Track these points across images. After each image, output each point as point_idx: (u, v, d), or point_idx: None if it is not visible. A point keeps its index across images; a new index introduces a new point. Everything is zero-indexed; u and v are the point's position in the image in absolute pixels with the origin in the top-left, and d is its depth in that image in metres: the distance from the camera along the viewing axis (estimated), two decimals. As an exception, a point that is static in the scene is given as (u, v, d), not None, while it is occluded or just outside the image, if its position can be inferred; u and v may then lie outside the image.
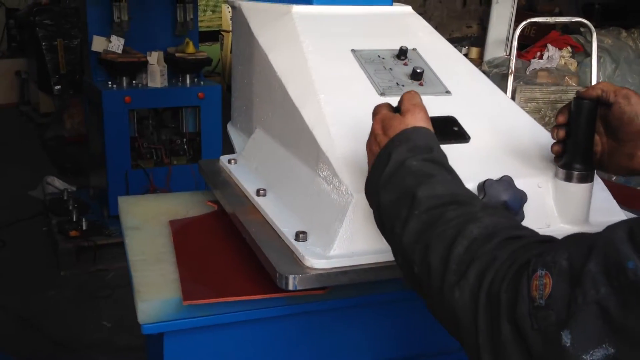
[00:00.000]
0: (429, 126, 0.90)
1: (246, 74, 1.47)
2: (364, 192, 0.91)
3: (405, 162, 0.84)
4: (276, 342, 1.05)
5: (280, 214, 1.10)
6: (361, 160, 0.99)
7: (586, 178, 1.03)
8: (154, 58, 3.59)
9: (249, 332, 1.03)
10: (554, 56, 2.76)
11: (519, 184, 1.02)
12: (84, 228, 3.54)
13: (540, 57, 2.87)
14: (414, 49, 1.32)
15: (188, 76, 3.78)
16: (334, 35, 1.34)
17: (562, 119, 1.02)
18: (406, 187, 0.81)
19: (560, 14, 3.38)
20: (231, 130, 1.61)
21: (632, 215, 1.13)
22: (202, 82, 3.85)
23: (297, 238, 1.00)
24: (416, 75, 1.23)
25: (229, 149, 2.28)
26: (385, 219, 0.83)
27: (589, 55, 2.65)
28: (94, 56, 3.67)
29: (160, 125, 3.90)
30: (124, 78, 3.61)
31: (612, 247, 0.56)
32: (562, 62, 2.86)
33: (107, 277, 3.36)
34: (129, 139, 3.63)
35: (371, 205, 0.89)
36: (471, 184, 0.97)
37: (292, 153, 1.20)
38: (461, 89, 1.26)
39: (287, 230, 1.04)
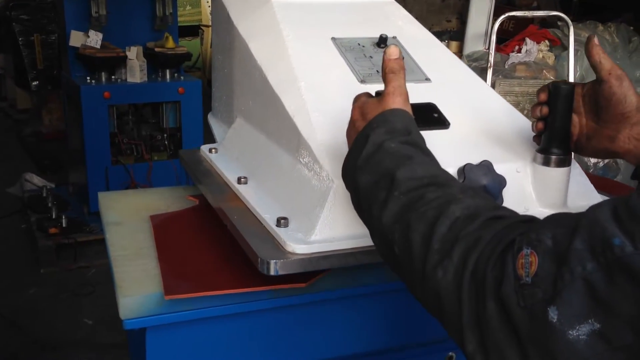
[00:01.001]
0: (408, 108, 0.90)
1: (226, 63, 1.46)
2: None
3: (384, 144, 0.83)
4: (259, 335, 1.05)
5: (262, 201, 1.10)
6: (341, 146, 0.99)
7: (564, 162, 1.04)
8: (133, 53, 3.56)
9: (231, 326, 1.03)
10: (532, 50, 2.79)
11: (498, 168, 1.03)
12: (64, 225, 3.50)
13: (519, 51, 2.91)
14: (394, 37, 1.33)
15: (168, 71, 3.76)
16: (314, 23, 1.34)
17: (543, 96, 1.03)
18: (385, 168, 0.81)
19: (539, 8, 3.41)
20: (212, 121, 1.60)
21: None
22: (182, 77, 3.82)
23: (278, 224, 1.01)
24: None
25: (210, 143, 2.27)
26: (363, 200, 0.83)
27: (567, 48, 2.68)
28: (71, 51, 3.63)
29: (141, 120, 3.87)
30: (103, 73, 3.58)
31: (598, 225, 0.57)
32: (540, 55, 2.89)
33: (88, 274, 3.34)
34: (109, 134, 3.60)
35: (348, 188, 0.89)
36: (451, 169, 0.98)
37: (273, 141, 1.20)
38: (441, 76, 1.27)
39: (268, 217, 1.04)
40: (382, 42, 1.29)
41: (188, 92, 3.71)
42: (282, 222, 1.01)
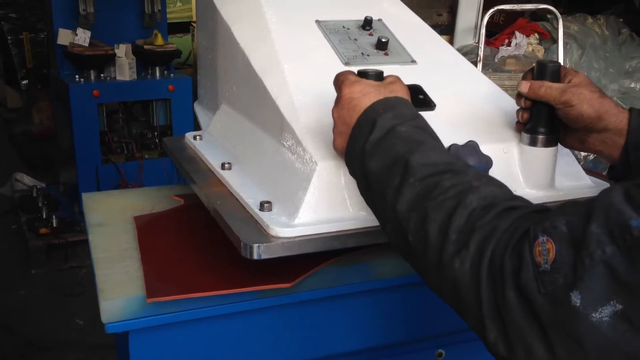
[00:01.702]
0: (409, 98, 0.90)
1: (210, 49, 1.44)
2: (327, 160, 0.91)
3: (395, 128, 0.82)
4: (243, 337, 1.04)
5: (245, 186, 1.08)
6: (325, 128, 0.97)
7: (551, 142, 1.04)
8: (122, 51, 3.54)
9: (215, 328, 1.02)
10: (522, 43, 2.78)
11: (485, 149, 1.02)
12: (55, 225, 3.48)
13: (509, 45, 2.90)
14: (379, 20, 1.33)
15: (158, 69, 3.73)
16: (298, 6, 1.33)
17: (529, 78, 1.03)
18: (397, 153, 0.80)
19: (528, 1, 3.40)
20: (198, 109, 1.58)
21: (599, 181, 1.14)
22: (172, 75, 3.80)
23: (261, 208, 0.99)
24: (381, 45, 1.23)
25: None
26: (375, 186, 0.82)
27: (556, 41, 2.68)
28: (60, 50, 3.60)
29: (131, 118, 3.84)
30: (92, 71, 3.55)
31: (613, 208, 0.58)
32: (530, 49, 2.88)
33: (79, 274, 3.32)
34: (99, 133, 3.58)
35: (353, 173, 0.88)
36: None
37: (257, 125, 1.18)
38: (426, 58, 1.26)
39: (251, 201, 1.02)
40: (367, 24, 1.28)
41: (178, 90, 3.68)
42: (265, 206, 0.99)
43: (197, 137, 1.35)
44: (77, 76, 3.54)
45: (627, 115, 1.00)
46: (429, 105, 1.11)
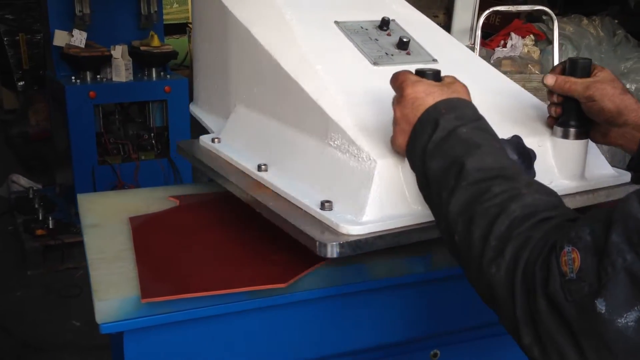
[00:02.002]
0: (470, 100, 0.93)
1: (218, 51, 1.43)
2: (386, 157, 0.95)
3: (456, 130, 0.85)
4: (237, 337, 1.04)
5: (293, 187, 1.08)
6: (373, 127, 1.01)
7: (582, 135, 1.09)
8: (118, 52, 3.54)
9: (210, 328, 1.02)
10: (517, 44, 2.79)
11: None
12: (51, 226, 3.48)
13: (504, 46, 2.90)
14: (393, 20, 1.34)
15: (154, 70, 3.74)
16: (315, 7, 1.34)
17: (558, 71, 1.09)
18: (455, 155, 0.83)
19: (524, 3, 3.41)
20: (196, 111, 1.57)
21: (621, 171, 1.19)
22: (168, 76, 3.80)
23: (322, 207, 1.00)
24: (403, 45, 1.25)
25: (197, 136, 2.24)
26: (433, 185, 0.85)
27: (551, 43, 2.69)
28: (56, 51, 3.60)
29: (127, 120, 3.84)
30: (88, 73, 3.56)
31: (630, 218, 0.61)
32: (525, 50, 2.89)
33: (75, 275, 3.31)
34: (95, 134, 3.58)
35: (414, 168, 0.92)
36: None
37: (291, 126, 1.18)
38: (445, 56, 1.28)
39: (308, 201, 1.02)
40: (384, 24, 1.30)
41: (174, 91, 3.69)
42: (326, 205, 1.00)
43: (215, 139, 1.34)
44: (73, 77, 3.54)
45: None
46: None
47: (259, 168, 1.16)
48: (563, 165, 1.10)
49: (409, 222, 0.99)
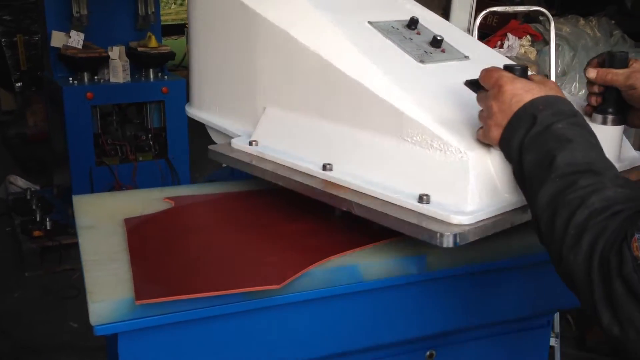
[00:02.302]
0: (564, 97, 0.99)
1: (235, 53, 1.40)
2: (475, 150, 1.02)
3: (552, 126, 0.91)
4: (232, 338, 1.04)
5: (373, 184, 1.10)
6: (450, 120, 1.08)
7: (620, 120, 1.17)
8: (116, 53, 3.54)
9: (204, 330, 1.02)
10: (514, 45, 2.79)
11: None
12: (48, 228, 3.48)
13: (501, 47, 2.91)
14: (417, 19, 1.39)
15: (151, 71, 3.74)
16: (343, 8, 1.35)
17: (595, 64, 1.16)
18: (548, 149, 0.89)
19: (522, 3, 3.41)
20: (197, 112, 1.54)
21: None
22: (166, 77, 3.80)
23: (420, 201, 1.03)
24: (437, 43, 1.30)
25: (196, 143, 2.23)
26: (527, 176, 0.92)
27: (548, 43, 2.69)
28: (53, 52, 3.60)
29: (125, 121, 3.84)
30: (85, 74, 3.56)
31: None
32: (522, 50, 2.89)
33: (72, 277, 3.31)
34: (93, 135, 3.58)
35: (509, 158, 0.98)
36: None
37: (350, 125, 1.19)
38: (473, 54, 1.32)
39: (402, 196, 1.05)
40: (412, 24, 1.34)
41: (172, 92, 3.69)
42: (424, 198, 1.03)
43: (253, 142, 1.32)
44: (70, 78, 3.54)
45: None
46: None
47: (324, 167, 1.17)
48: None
49: (505, 209, 1.04)
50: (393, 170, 1.11)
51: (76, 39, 3.50)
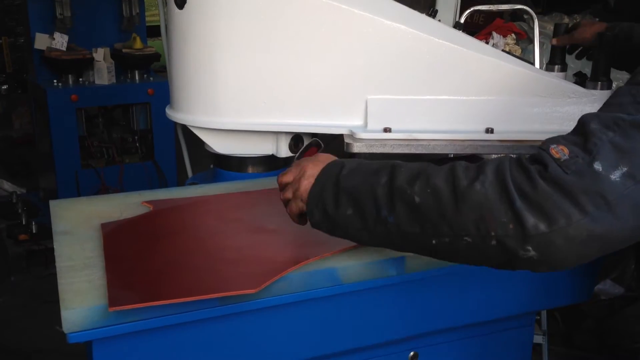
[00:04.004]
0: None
1: (302, 49, 1.40)
2: None
3: (362, 162, 1.00)
4: (208, 344, 1.03)
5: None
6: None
7: (609, 87, 1.47)
8: (100, 55, 3.51)
9: (179, 336, 1.01)
10: (499, 43, 2.79)
11: None
12: (34, 231, 3.45)
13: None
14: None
15: (137, 72, 3.71)
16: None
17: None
18: (377, 167, 0.97)
19: (506, 1, 3.41)
20: (197, 120, 1.49)
21: None
22: (151, 78, 3.78)
23: None
24: (459, 26, 1.67)
25: (184, 144, 2.20)
26: (362, 192, 0.96)
27: (532, 41, 2.70)
28: (37, 54, 3.57)
29: (111, 123, 3.81)
30: (70, 76, 3.53)
31: (599, 116, 0.85)
32: (507, 49, 2.89)
33: (59, 280, 3.28)
34: (78, 138, 3.54)
35: (317, 221, 1.02)
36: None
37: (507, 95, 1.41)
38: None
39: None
40: (434, 13, 1.73)
41: (157, 93, 3.66)
42: None
43: (387, 129, 1.41)
44: (55, 81, 3.51)
45: None
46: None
47: (487, 131, 1.41)
48: None
49: None
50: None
51: (60, 41, 3.47)
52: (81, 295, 0.98)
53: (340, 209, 0.97)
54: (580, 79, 1.53)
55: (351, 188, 0.96)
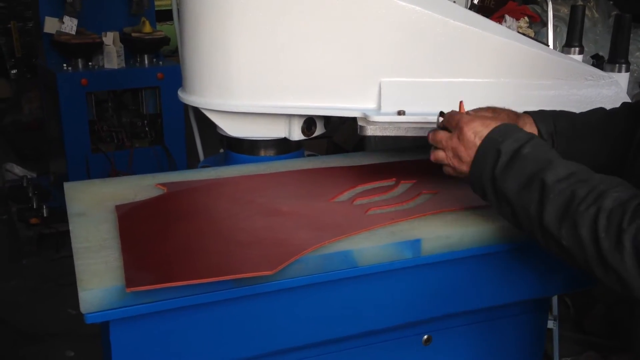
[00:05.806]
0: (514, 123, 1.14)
1: (328, 33, 1.39)
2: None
3: (519, 152, 1.01)
4: (224, 325, 1.03)
5: None
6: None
7: (627, 69, 1.57)
8: (110, 39, 3.50)
9: (196, 317, 1.01)
10: (512, 27, 2.75)
11: None
12: (45, 215, 3.47)
13: (499, 28, 2.88)
14: None
15: (146, 56, 3.70)
16: None
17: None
18: (530, 173, 0.99)
19: (520, -16, 3.38)
20: (210, 102, 1.47)
21: None
22: (161, 62, 3.77)
23: None
24: (475, 9, 1.67)
25: (191, 129, 2.21)
26: (515, 202, 1.01)
27: (546, 25, 2.66)
28: (46, 38, 3.56)
29: (120, 107, 3.81)
30: (79, 60, 3.52)
31: None
32: (520, 32, 2.86)
33: (70, 264, 3.30)
34: (88, 122, 3.55)
35: (480, 191, 1.08)
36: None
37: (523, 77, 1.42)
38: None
39: None
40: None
41: (167, 77, 3.65)
42: None
43: (401, 112, 1.40)
44: (64, 65, 3.51)
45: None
46: None
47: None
48: None
49: None
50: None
51: (69, 25, 3.46)
52: (98, 277, 0.98)
53: (500, 204, 1.05)
54: (598, 62, 1.52)
55: (506, 193, 1.02)
